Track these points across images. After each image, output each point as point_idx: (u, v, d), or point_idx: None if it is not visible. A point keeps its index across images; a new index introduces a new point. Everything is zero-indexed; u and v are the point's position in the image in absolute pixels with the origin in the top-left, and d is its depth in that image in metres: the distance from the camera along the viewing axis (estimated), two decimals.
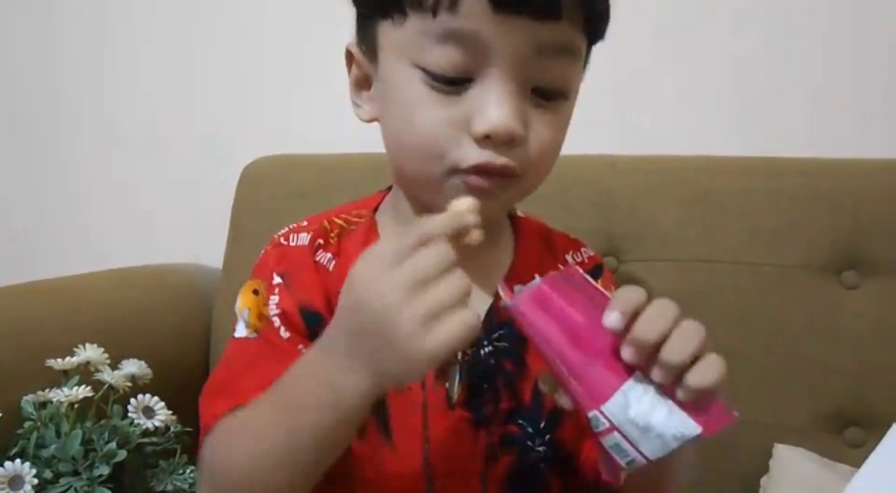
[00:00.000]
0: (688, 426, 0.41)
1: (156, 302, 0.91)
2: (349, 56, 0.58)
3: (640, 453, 0.41)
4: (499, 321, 0.58)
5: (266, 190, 1.00)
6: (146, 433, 0.72)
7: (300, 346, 0.54)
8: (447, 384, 0.56)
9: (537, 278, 0.45)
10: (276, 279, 0.58)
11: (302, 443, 0.46)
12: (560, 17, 0.49)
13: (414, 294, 0.41)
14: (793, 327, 0.83)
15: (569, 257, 0.65)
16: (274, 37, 1.15)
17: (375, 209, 0.63)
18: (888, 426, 0.65)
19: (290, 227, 0.62)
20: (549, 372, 0.44)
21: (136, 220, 1.22)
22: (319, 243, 0.59)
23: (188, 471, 0.73)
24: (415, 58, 0.51)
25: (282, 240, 0.61)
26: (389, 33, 0.52)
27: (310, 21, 1.12)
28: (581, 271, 0.45)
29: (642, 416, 0.41)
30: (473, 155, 0.51)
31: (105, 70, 1.22)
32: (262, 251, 0.61)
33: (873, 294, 0.83)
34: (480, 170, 0.51)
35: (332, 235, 0.60)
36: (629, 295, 0.42)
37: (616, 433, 0.42)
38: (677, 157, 0.92)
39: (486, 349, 0.57)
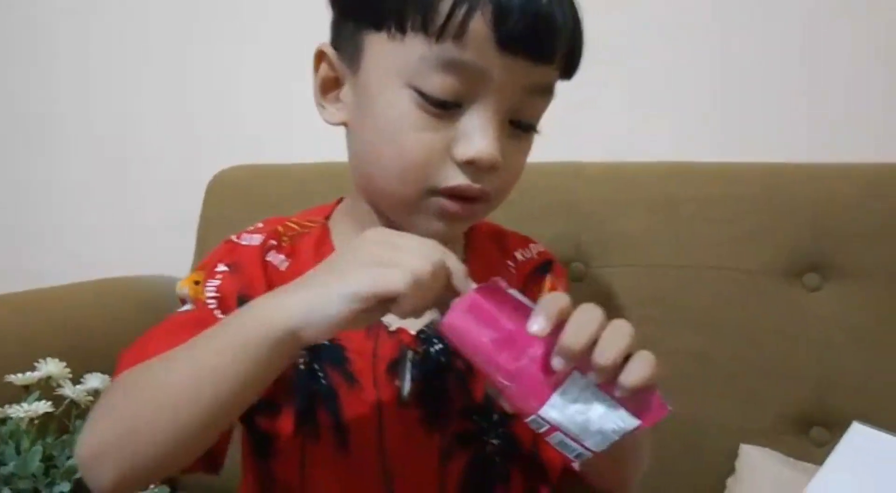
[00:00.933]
0: (626, 420, 0.42)
1: (120, 315, 0.89)
2: (319, 56, 0.58)
3: (585, 447, 0.43)
4: None
5: (234, 201, 0.99)
6: None
7: None
8: (397, 382, 0.56)
9: (472, 287, 0.45)
10: (221, 267, 0.58)
11: (203, 378, 0.45)
12: (552, 62, 0.53)
13: (384, 249, 0.44)
14: (757, 330, 0.84)
15: (518, 254, 0.67)
16: (242, 46, 1.15)
17: (328, 218, 0.64)
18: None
19: (245, 229, 0.63)
20: (487, 378, 0.45)
21: (101, 231, 1.20)
22: (272, 244, 0.61)
23: (152, 487, 0.72)
24: (410, 78, 0.52)
25: (234, 238, 0.62)
26: (382, 46, 0.53)
27: (278, 32, 1.12)
28: (504, 282, 0.46)
29: (580, 414, 0.42)
30: (453, 178, 0.53)
31: (69, 82, 1.21)
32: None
33: (835, 296, 0.85)
34: (456, 193, 0.54)
35: (286, 237, 0.61)
36: (552, 302, 0.43)
37: (558, 432, 0.43)
38: (642, 164, 0.93)
39: (437, 347, 0.58)
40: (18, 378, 0.71)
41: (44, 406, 0.69)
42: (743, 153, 0.92)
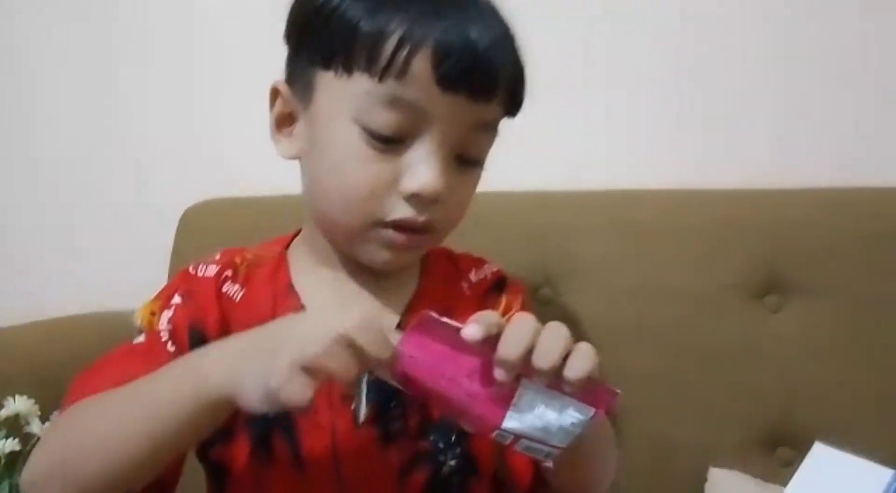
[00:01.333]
0: (582, 411, 0.44)
1: (90, 351, 0.87)
2: (275, 93, 0.60)
3: (552, 446, 0.45)
4: None
5: (206, 234, 1.00)
6: None
7: None
8: (353, 406, 0.57)
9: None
10: (176, 299, 0.60)
11: (131, 425, 0.48)
12: (492, 101, 0.55)
13: (332, 343, 0.42)
14: (721, 351, 0.86)
15: (472, 276, 0.68)
16: (212, 78, 1.16)
17: (287, 247, 0.66)
18: None
19: (203, 260, 0.64)
20: (443, 409, 0.47)
21: (72, 266, 1.20)
22: (227, 276, 0.62)
23: None
24: (356, 115, 0.54)
25: (190, 269, 0.63)
26: (330, 83, 0.55)
27: (250, 63, 1.13)
28: (433, 313, 0.46)
29: (539, 418, 0.44)
30: (398, 210, 0.55)
31: (37, 113, 1.21)
32: None
33: (795, 316, 0.87)
34: (402, 225, 0.56)
35: (242, 267, 0.63)
36: (485, 314, 0.45)
37: (523, 440, 0.45)
38: (604, 191, 0.95)
39: None
40: None
41: (11, 444, 0.68)
42: (700, 179, 0.95)
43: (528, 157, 0.98)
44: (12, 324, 0.90)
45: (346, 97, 0.54)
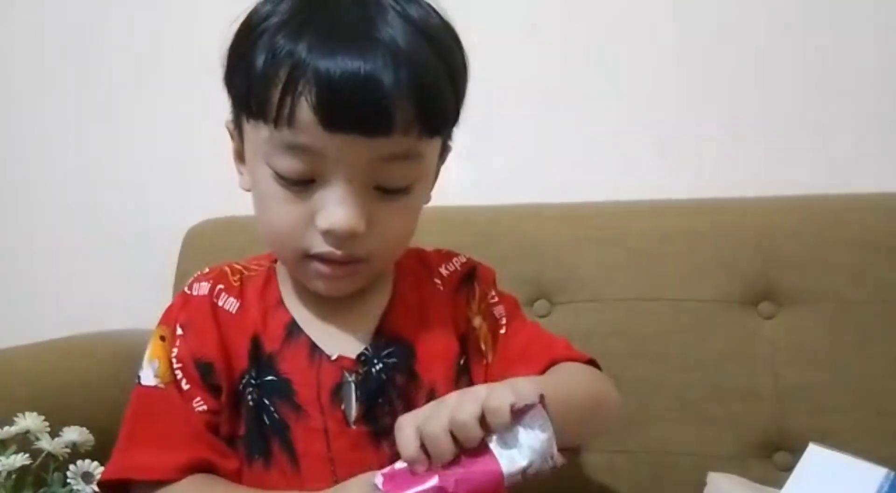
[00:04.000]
0: (537, 417, 0.47)
1: (97, 369, 0.90)
2: (229, 130, 0.63)
3: (549, 457, 0.48)
4: (385, 341, 0.63)
5: (210, 253, 1.01)
6: None
7: (197, 399, 0.60)
8: (343, 406, 0.60)
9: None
10: (178, 331, 0.63)
11: None
12: (390, 133, 0.53)
13: None
14: (715, 359, 0.88)
15: (443, 269, 0.70)
16: (214, 98, 1.17)
17: (275, 261, 0.68)
18: None
19: (195, 276, 0.67)
20: None
21: (76, 287, 1.22)
22: (220, 288, 0.65)
23: None
24: (265, 158, 0.56)
25: (186, 289, 0.66)
26: (247, 127, 0.58)
27: None
28: (380, 474, 0.49)
29: (522, 448, 0.47)
30: (318, 245, 0.57)
31: (41, 134, 1.24)
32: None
33: (789, 323, 0.88)
34: (326, 258, 0.57)
35: (234, 279, 0.65)
36: (405, 447, 0.47)
37: (528, 470, 0.47)
38: (597, 203, 0.97)
39: (377, 367, 0.61)
40: None
41: (21, 459, 0.69)
42: (693, 190, 0.97)
43: (522, 170, 1.01)
44: (19, 344, 0.92)
45: (257, 141, 0.56)
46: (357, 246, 0.57)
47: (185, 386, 0.61)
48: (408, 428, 0.47)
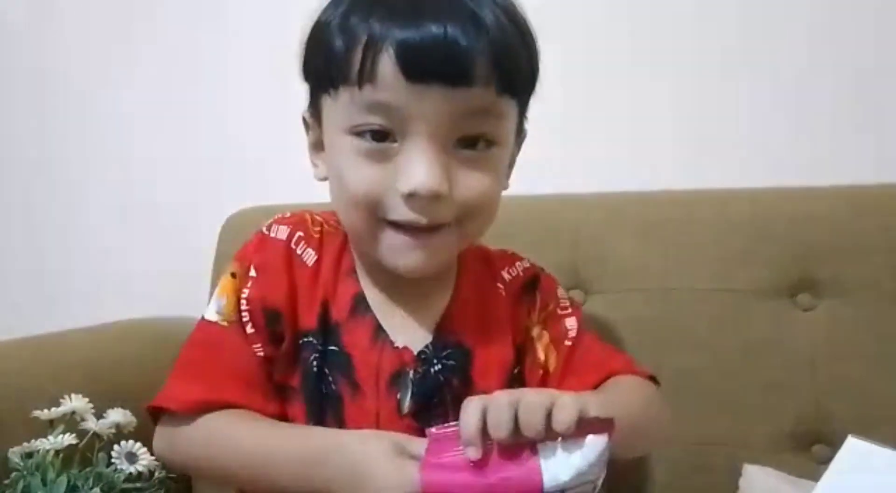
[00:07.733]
0: (597, 445, 0.47)
1: (139, 354, 0.92)
2: (304, 122, 0.64)
3: (591, 481, 0.47)
4: (445, 341, 0.63)
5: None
6: (130, 478, 0.73)
7: (257, 345, 0.61)
8: (398, 396, 0.60)
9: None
10: (252, 272, 0.63)
11: (260, 484, 0.57)
12: (472, 85, 0.54)
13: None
14: (753, 349, 0.87)
15: (505, 274, 0.70)
16: (254, 87, 1.20)
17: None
18: None
19: (275, 218, 0.67)
20: None
21: (119, 275, 1.25)
22: (300, 236, 0.65)
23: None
24: (345, 126, 0.57)
25: (264, 229, 0.66)
26: (328, 106, 0.59)
27: (289, 73, 1.16)
28: (434, 429, 0.50)
29: (568, 467, 0.47)
30: (401, 211, 0.56)
31: (82, 129, 1.27)
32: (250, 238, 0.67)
33: (828, 314, 0.87)
34: (405, 226, 0.57)
35: (315, 229, 0.66)
36: (466, 421, 0.47)
37: (568, 491, 0.47)
38: (632, 192, 0.96)
39: (436, 367, 0.62)
40: (44, 414, 0.75)
41: (68, 439, 0.71)
42: (724, 179, 0.96)
43: (557, 160, 1.00)
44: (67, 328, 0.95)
45: (337, 113, 0.57)
46: (440, 210, 0.56)
47: (249, 330, 0.62)
48: (475, 404, 0.47)
